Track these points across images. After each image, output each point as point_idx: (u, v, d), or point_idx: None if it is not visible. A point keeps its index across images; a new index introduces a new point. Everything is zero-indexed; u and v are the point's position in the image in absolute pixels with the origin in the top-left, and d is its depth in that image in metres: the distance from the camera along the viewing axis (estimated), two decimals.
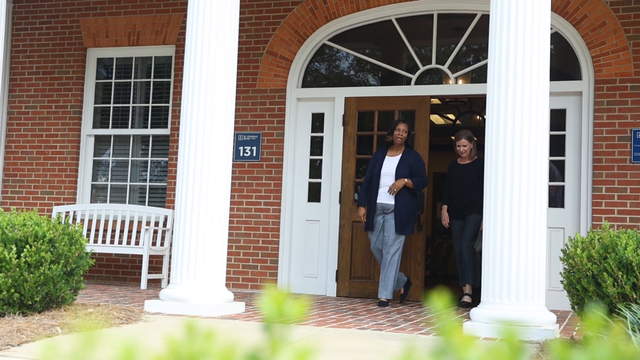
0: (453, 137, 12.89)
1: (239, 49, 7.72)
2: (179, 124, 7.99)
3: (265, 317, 0.67)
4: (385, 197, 6.91)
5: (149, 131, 8.63)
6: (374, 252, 7.00)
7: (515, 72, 4.76)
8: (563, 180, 7.25)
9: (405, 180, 6.85)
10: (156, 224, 8.18)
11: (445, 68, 7.76)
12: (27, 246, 4.53)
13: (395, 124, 7.07)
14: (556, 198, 7.30)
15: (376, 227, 6.93)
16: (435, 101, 10.67)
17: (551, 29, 6.89)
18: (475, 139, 7.71)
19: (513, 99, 4.74)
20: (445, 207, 7.41)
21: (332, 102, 7.94)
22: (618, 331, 0.65)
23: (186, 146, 5.57)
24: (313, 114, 8.05)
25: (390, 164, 6.98)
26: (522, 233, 4.63)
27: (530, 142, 4.70)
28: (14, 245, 4.51)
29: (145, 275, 7.63)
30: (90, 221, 8.40)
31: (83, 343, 0.69)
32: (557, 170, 7.28)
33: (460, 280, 7.23)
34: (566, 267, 4.54)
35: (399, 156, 7.00)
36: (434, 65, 7.80)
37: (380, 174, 6.97)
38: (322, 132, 8.01)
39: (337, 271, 7.74)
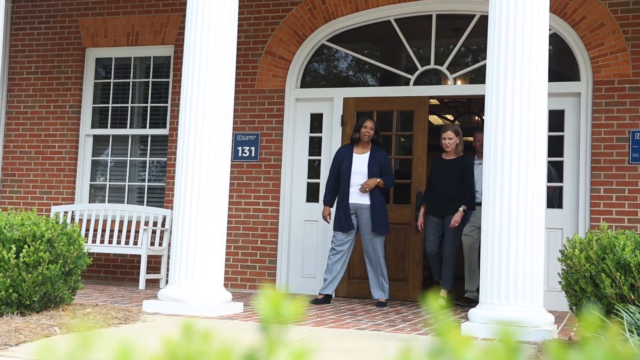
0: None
1: (238, 49, 7.71)
2: (177, 124, 7.98)
3: (262, 317, 0.68)
4: (358, 197, 6.78)
5: (148, 131, 8.62)
6: (339, 250, 6.75)
7: (514, 72, 4.76)
8: (560, 181, 7.25)
9: (378, 180, 6.74)
10: (154, 224, 8.17)
11: (444, 69, 7.77)
12: (26, 246, 4.53)
13: (362, 121, 6.93)
14: (553, 199, 7.30)
15: (349, 227, 6.78)
16: (434, 102, 10.67)
17: (550, 29, 6.89)
18: (473, 138, 7.68)
19: (512, 100, 4.75)
20: (423, 209, 7.12)
21: (331, 102, 7.94)
22: (615, 332, 0.65)
23: (185, 146, 5.57)
24: (312, 114, 8.05)
25: (360, 162, 6.83)
26: (520, 234, 4.63)
27: (529, 143, 4.71)
28: (13, 245, 4.50)
29: (143, 275, 7.62)
30: (88, 221, 8.40)
31: (80, 343, 0.69)
32: (554, 171, 7.28)
33: (435, 275, 7.07)
34: (564, 267, 4.54)
35: (368, 154, 6.86)
36: (432, 65, 7.80)
37: (351, 172, 6.81)
38: (321, 132, 8.01)
39: None
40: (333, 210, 7.16)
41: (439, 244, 7.03)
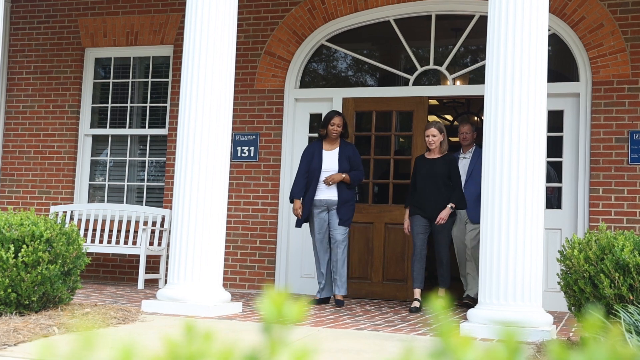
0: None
1: (237, 50, 7.71)
2: (176, 124, 7.98)
3: (263, 318, 0.68)
4: (328, 193, 6.63)
5: (147, 131, 8.62)
6: (320, 249, 6.69)
7: (513, 73, 4.77)
8: (559, 181, 7.26)
9: (343, 175, 6.60)
10: (154, 224, 8.17)
11: (443, 69, 7.77)
12: (25, 246, 4.52)
13: (329, 117, 6.74)
14: (552, 199, 7.31)
15: (319, 224, 6.66)
16: (433, 102, 10.68)
17: (549, 30, 6.90)
18: (464, 138, 7.57)
19: (511, 100, 4.75)
20: (407, 212, 6.80)
21: (330, 102, 7.94)
22: (615, 332, 0.65)
23: (184, 146, 5.56)
24: (311, 115, 8.05)
25: (330, 158, 6.69)
26: (519, 234, 4.64)
27: (528, 143, 4.71)
28: (12, 245, 4.50)
29: (142, 275, 7.62)
30: (87, 221, 8.39)
31: (80, 343, 0.69)
32: (552, 171, 7.28)
33: (416, 281, 6.62)
34: (563, 268, 4.54)
35: (337, 149, 6.73)
36: (432, 66, 7.80)
37: (321, 169, 6.66)
38: None
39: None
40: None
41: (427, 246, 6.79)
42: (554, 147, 7.26)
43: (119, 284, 8.10)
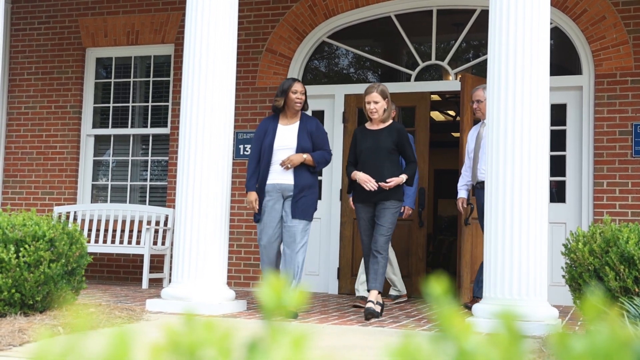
0: (453, 134, 12.83)
1: (238, 47, 7.70)
2: (178, 123, 7.97)
3: (263, 305, 0.67)
4: (282, 177, 5.47)
5: (149, 130, 8.62)
6: (268, 248, 5.51)
7: (515, 67, 4.75)
8: (559, 176, 7.24)
9: (304, 156, 5.42)
10: (157, 223, 8.17)
11: (445, 64, 7.75)
12: (26, 246, 4.52)
13: (288, 84, 5.57)
14: (555, 193, 7.29)
15: (271, 215, 5.49)
16: (435, 97, 10.66)
17: (551, 23, 6.88)
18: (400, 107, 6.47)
19: (513, 95, 4.74)
20: (351, 199, 5.80)
21: (332, 99, 7.93)
22: (616, 317, 0.64)
23: (186, 144, 5.56)
24: (313, 112, 8.03)
25: (286, 134, 5.53)
26: (523, 228, 4.63)
27: (531, 137, 4.70)
28: (14, 246, 4.50)
29: (146, 275, 7.62)
30: (91, 221, 8.40)
31: (80, 340, 0.68)
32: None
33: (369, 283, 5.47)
34: (568, 261, 4.53)
35: (297, 124, 5.57)
36: (433, 61, 7.79)
37: (274, 148, 5.48)
38: None
39: (338, 269, 7.73)
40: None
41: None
42: (558, 140, 7.24)
43: (123, 284, 8.10)
